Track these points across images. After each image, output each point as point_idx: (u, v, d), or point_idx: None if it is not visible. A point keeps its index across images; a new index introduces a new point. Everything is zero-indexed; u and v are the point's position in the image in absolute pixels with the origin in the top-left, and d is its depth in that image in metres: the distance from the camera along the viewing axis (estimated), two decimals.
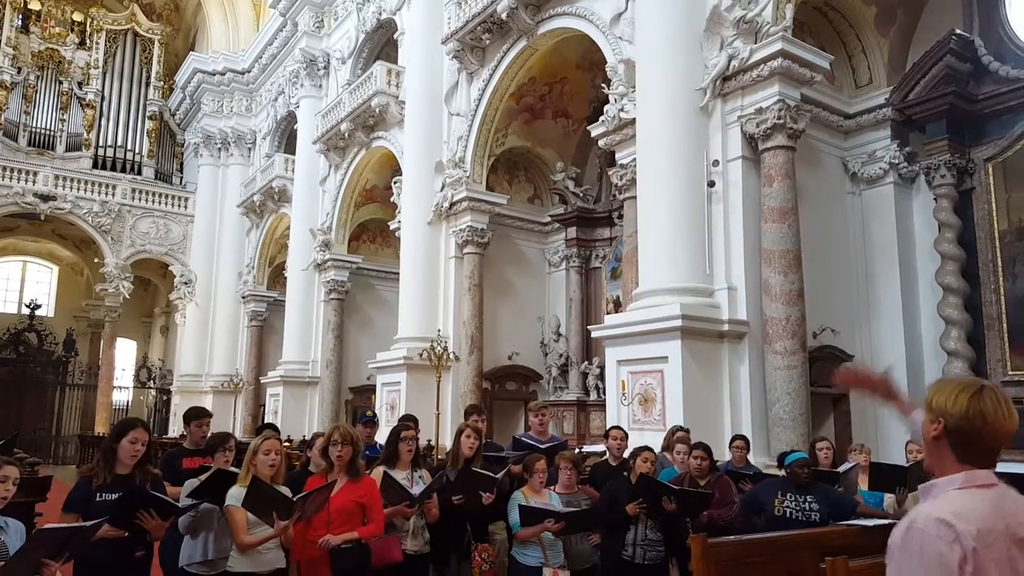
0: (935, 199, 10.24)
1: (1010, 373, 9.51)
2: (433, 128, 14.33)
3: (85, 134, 25.56)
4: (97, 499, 3.59)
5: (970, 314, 9.80)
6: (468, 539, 4.81)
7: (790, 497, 4.93)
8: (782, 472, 5.24)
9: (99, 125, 25.87)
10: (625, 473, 5.30)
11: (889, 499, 5.46)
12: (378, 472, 4.48)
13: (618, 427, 6.36)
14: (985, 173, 9.97)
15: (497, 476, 4.75)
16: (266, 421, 16.77)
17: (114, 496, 3.60)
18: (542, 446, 5.82)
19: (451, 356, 12.92)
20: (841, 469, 6.17)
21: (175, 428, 22.78)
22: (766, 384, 8.32)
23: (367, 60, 17.86)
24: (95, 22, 26.60)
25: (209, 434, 5.27)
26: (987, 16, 10.24)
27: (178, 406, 23.47)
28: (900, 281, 10.66)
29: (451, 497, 4.71)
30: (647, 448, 5.26)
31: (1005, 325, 9.61)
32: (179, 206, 25.66)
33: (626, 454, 5.76)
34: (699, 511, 4.95)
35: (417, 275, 13.99)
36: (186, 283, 24.49)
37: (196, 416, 5.37)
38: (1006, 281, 9.68)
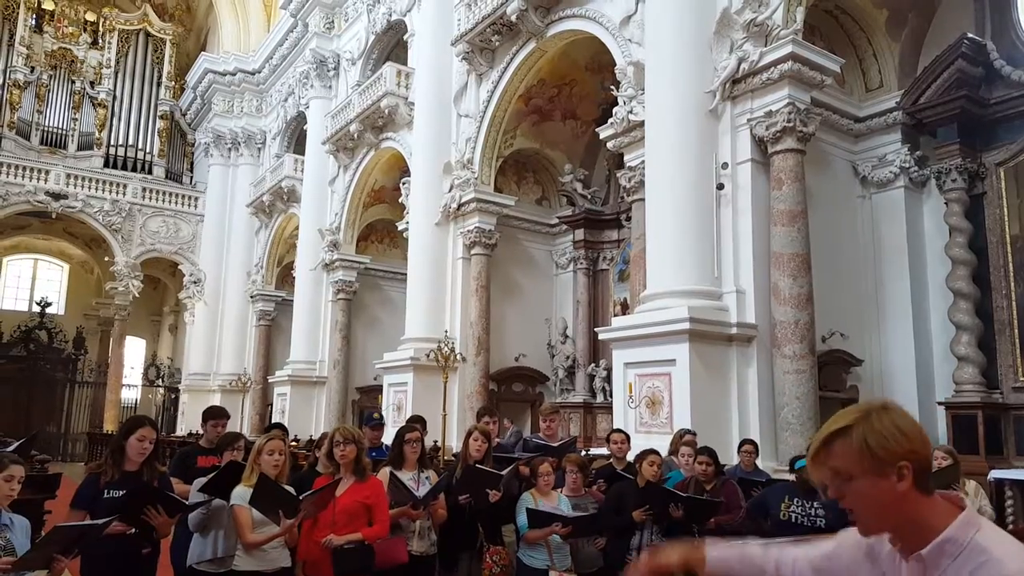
0: (946, 203, 10.18)
1: (1021, 379, 9.44)
2: (442, 129, 14.35)
3: (97, 133, 25.71)
4: (105, 496, 3.61)
5: (981, 319, 9.73)
6: (481, 541, 4.80)
7: (796, 502, 4.90)
8: (793, 476, 5.21)
9: (111, 124, 26.02)
10: (632, 475, 5.28)
11: None
12: (384, 473, 4.48)
13: (619, 430, 6.35)
14: (996, 178, 9.91)
15: (502, 473, 4.74)
16: (273, 420, 16.82)
17: (122, 493, 3.61)
18: (553, 445, 5.83)
19: (458, 357, 12.92)
20: None
21: (183, 426, 22.87)
22: (775, 388, 8.28)
23: (377, 61, 17.90)
24: (108, 22, 26.77)
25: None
26: (999, 20, 10.18)
27: (186, 404, 23.58)
28: (910, 285, 10.60)
29: (458, 497, 4.70)
30: (653, 451, 5.23)
31: (1016, 330, 9.54)
32: (189, 205, 25.79)
33: (630, 456, 5.74)
34: (707, 518, 4.92)
35: (424, 276, 14.01)
36: (195, 282, 24.60)
37: (213, 416, 5.41)
38: (1017, 286, 9.61)
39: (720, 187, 8.75)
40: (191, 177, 27.37)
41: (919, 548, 1.39)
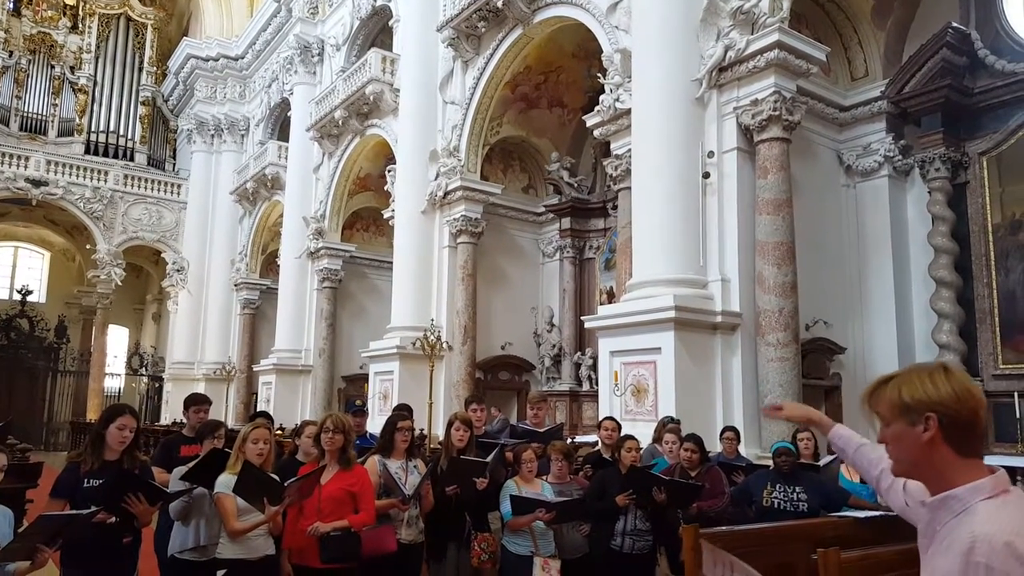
0: (929, 192, 10.26)
1: (1001, 367, 9.56)
2: (428, 116, 14.26)
3: (77, 119, 25.35)
4: (85, 485, 3.58)
5: (962, 307, 9.84)
6: (468, 529, 4.80)
7: (779, 488, 4.95)
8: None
9: (91, 110, 25.66)
10: (614, 457, 5.31)
11: None
12: (373, 461, 4.47)
13: (611, 418, 6.37)
14: (979, 167, 9.99)
15: (487, 460, 4.74)
16: (258, 409, 16.74)
17: (101, 482, 3.58)
18: (540, 432, 5.85)
19: (444, 345, 12.91)
20: (822, 462, 6.17)
21: (167, 415, 22.73)
22: (758, 376, 8.33)
23: (362, 47, 17.74)
24: (88, 6, 26.34)
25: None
26: (984, 10, 10.23)
27: (170, 393, 23.42)
28: (893, 274, 10.68)
29: (444, 488, 4.70)
30: (630, 437, 5.28)
31: (997, 319, 9.66)
32: (172, 193, 25.53)
33: None
34: (689, 502, 4.95)
35: (411, 264, 13.96)
36: (178, 270, 24.39)
37: (194, 402, 5.39)
38: (999, 275, 9.72)
39: (706, 176, 8.76)
40: (174, 164, 27.08)
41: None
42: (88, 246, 24.77)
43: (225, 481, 3.84)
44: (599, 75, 10.70)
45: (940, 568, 1.36)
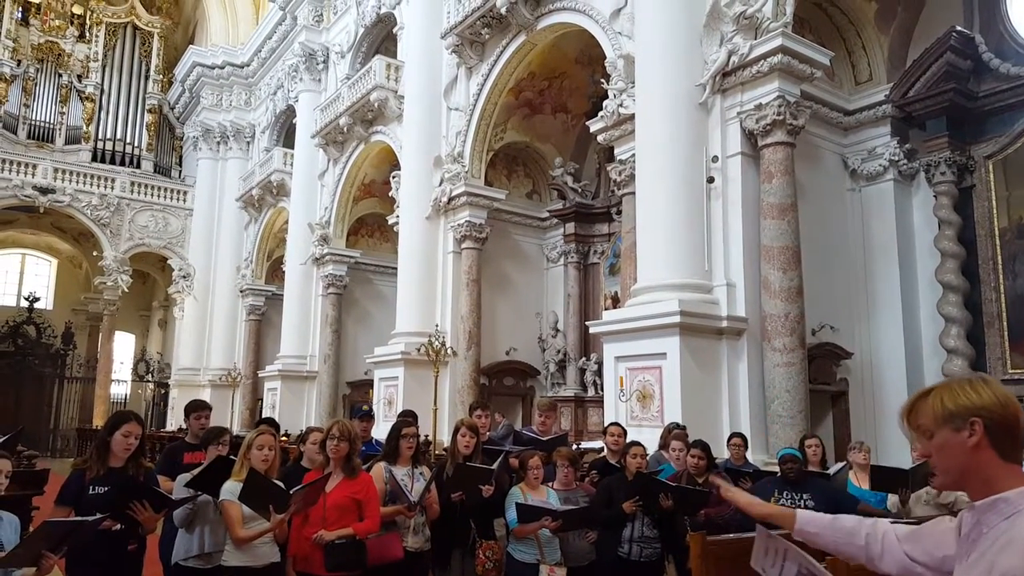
0: (935, 196, 10.22)
1: (1010, 371, 9.50)
2: (432, 123, 14.29)
3: (84, 127, 25.52)
4: (90, 492, 3.58)
5: (970, 312, 9.79)
6: (473, 536, 4.78)
7: (786, 495, 4.92)
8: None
9: (98, 118, 25.83)
10: (620, 463, 5.29)
11: (892, 499, 5.43)
12: (379, 468, 4.46)
13: (616, 424, 6.35)
14: (985, 170, 9.96)
15: (493, 467, 4.72)
16: (264, 415, 16.75)
17: (106, 489, 3.58)
18: (543, 439, 5.83)
19: (449, 351, 12.89)
20: (832, 470, 6.13)
21: (173, 422, 22.77)
22: (765, 381, 8.30)
23: (366, 54, 17.80)
24: (95, 15, 26.55)
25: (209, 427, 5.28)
26: (988, 13, 10.22)
27: (176, 400, 23.47)
28: (900, 278, 10.63)
29: (450, 495, 4.68)
30: (636, 443, 5.25)
31: (1005, 323, 9.60)
32: (178, 200, 25.62)
33: None
34: (697, 509, 4.92)
35: (415, 270, 13.97)
36: (184, 277, 24.46)
37: (195, 409, 5.39)
38: (1006, 279, 9.67)
39: (710, 180, 8.75)
40: (180, 171, 27.21)
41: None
42: (95, 253, 24.87)
43: (231, 488, 3.82)
44: (603, 81, 10.71)
45: (1000, 566, 1.37)
